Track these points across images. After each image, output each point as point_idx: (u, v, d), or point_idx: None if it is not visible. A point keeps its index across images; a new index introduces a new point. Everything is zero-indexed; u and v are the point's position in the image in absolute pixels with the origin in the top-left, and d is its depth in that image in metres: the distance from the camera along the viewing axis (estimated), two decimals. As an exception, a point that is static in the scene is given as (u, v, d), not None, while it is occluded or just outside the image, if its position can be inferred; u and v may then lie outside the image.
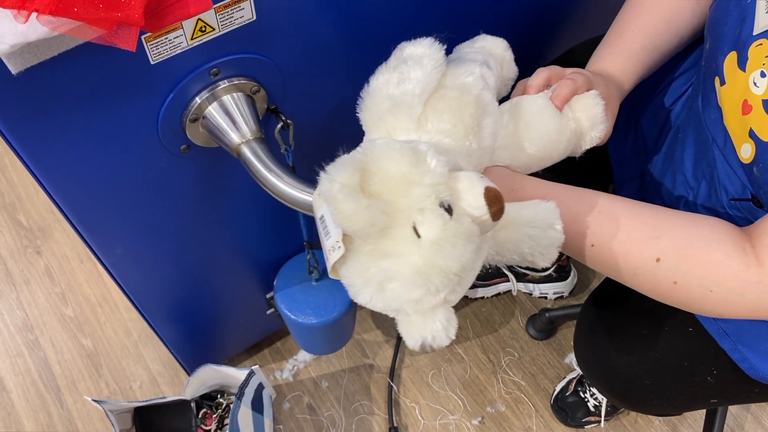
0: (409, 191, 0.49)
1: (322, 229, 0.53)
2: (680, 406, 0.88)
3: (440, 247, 0.48)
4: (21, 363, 1.29)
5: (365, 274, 0.50)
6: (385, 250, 0.49)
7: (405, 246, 0.48)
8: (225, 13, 0.57)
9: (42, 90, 0.53)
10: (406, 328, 0.52)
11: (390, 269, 0.49)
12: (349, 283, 0.52)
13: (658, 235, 0.58)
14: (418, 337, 0.51)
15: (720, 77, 0.62)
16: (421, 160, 0.50)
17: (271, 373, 1.29)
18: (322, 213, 0.53)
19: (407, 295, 0.49)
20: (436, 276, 0.48)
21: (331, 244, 0.51)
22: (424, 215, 0.48)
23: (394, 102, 0.56)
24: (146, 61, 0.56)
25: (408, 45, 0.60)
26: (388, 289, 0.49)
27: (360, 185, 0.48)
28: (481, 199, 0.50)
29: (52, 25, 0.41)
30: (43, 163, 0.60)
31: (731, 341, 0.73)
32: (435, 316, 0.50)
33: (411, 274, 0.48)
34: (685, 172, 0.74)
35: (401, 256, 0.49)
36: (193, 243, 0.85)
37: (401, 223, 0.49)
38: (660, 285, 0.59)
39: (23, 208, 1.49)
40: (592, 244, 0.60)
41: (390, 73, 0.58)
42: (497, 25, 0.86)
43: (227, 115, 0.64)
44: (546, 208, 0.57)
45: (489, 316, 1.38)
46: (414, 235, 0.48)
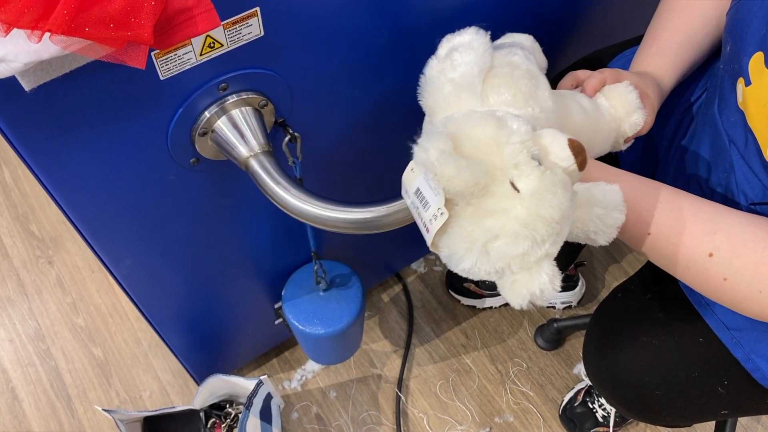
0: (501, 151, 0.50)
1: (419, 203, 0.54)
2: (690, 417, 0.87)
3: (541, 197, 0.49)
4: (32, 372, 1.31)
5: (469, 237, 0.51)
6: (487, 209, 0.50)
7: (507, 202, 0.49)
8: (233, 30, 0.58)
9: (54, 106, 0.54)
10: (511, 288, 0.52)
11: (495, 227, 0.50)
12: (450, 253, 0.53)
13: (715, 231, 0.58)
14: (525, 293, 0.51)
15: (745, 78, 0.62)
16: (504, 123, 0.51)
17: (279, 383, 1.29)
18: (417, 185, 0.54)
19: (514, 249, 0.49)
20: (541, 225, 0.49)
21: (432, 213, 0.52)
22: (520, 169, 0.49)
23: (456, 84, 0.58)
24: (156, 77, 0.57)
25: (454, 36, 0.61)
26: (494, 248, 0.50)
27: (452, 150, 0.50)
28: (567, 149, 0.51)
29: (64, 44, 0.42)
30: (55, 176, 0.61)
31: (745, 351, 0.73)
32: (541, 269, 0.51)
33: (517, 227, 0.49)
34: (699, 178, 0.74)
35: (504, 212, 0.49)
36: (202, 254, 0.86)
37: (499, 181, 0.50)
38: (710, 280, 0.59)
39: (36, 219, 1.51)
40: (649, 233, 0.61)
41: (443, 62, 0.60)
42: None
43: (236, 129, 0.64)
44: (612, 190, 0.58)
45: (497, 326, 1.38)
46: (513, 191, 0.50)
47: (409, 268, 1.45)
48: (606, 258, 1.48)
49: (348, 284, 0.98)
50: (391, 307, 1.40)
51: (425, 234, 0.54)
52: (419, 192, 0.54)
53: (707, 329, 0.76)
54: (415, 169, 0.54)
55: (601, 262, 1.47)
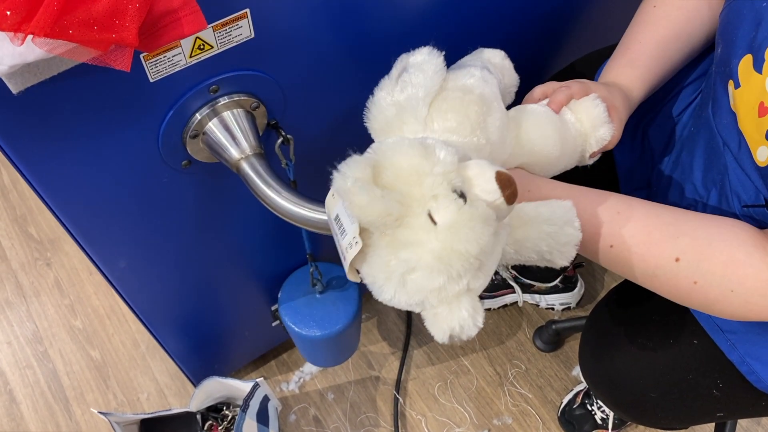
0: (422, 181, 0.49)
1: (338, 229, 0.54)
2: (686, 419, 0.87)
3: (457, 231, 0.48)
4: (30, 374, 1.31)
5: (386, 267, 0.50)
6: (403, 240, 0.49)
7: (422, 234, 0.49)
8: (223, 32, 0.57)
9: (43, 108, 0.54)
10: (433, 322, 0.52)
11: (410, 259, 0.49)
12: (371, 281, 0.52)
13: (678, 235, 0.58)
14: (446, 328, 0.51)
15: (734, 80, 0.62)
16: (431, 152, 0.51)
17: (277, 385, 1.29)
18: (337, 212, 0.54)
19: (430, 283, 0.49)
20: (456, 260, 0.48)
21: (348, 241, 0.51)
22: (438, 201, 0.49)
23: (400, 107, 0.58)
24: (146, 79, 0.57)
25: (408, 55, 0.61)
26: (410, 281, 0.50)
27: (372, 180, 0.49)
28: (494, 182, 0.50)
29: (48, 47, 0.42)
30: (46, 180, 0.60)
31: (739, 353, 0.73)
32: (460, 304, 0.50)
33: (432, 261, 0.48)
34: (695, 181, 0.73)
35: (420, 245, 0.49)
36: (197, 257, 0.85)
37: (416, 212, 0.49)
38: (680, 285, 0.59)
39: (34, 221, 1.51)
40: (610, 245, 0.60)
41: (393, 82, 0.59)
42: (497, 41, 0.86)
43: (227, 131, 0.64)
44: (563, 206, 0.57)
45: (496, 328, 1.37)
46: (430, 223, 0.49)
47: (408, 270, 1.44)
48: (605, 259, 1.47)
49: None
50: (389, 309, 1.39)
51: (343, 262, 0.53)
52: (338, 219, 0.53)
53: (702, 331, 0.75)
54: (336, 195, 0.54)
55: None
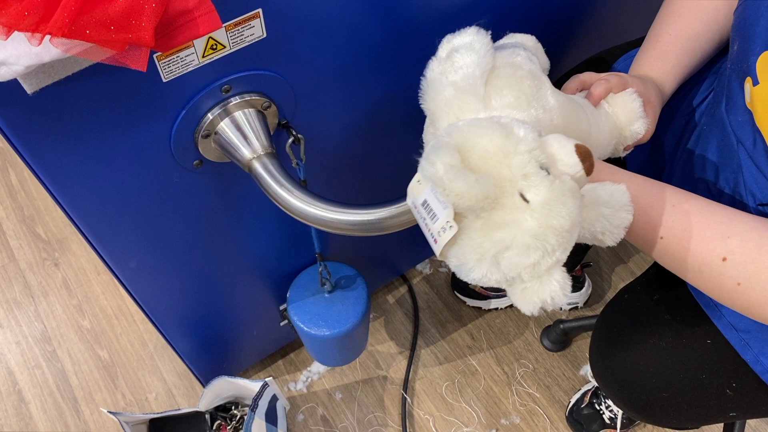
0: (509, 161, 0.50)
1: (426, 214, 0.53)
2: (698, 419, 0.87)
3: (551, 207, 0.48)
4: (39, 374, 1.31)
5: (479, 249, 0.50)
6: (497, 221, 0.50)
7: (517, 214, 0.49)
8: (235, 31, 0.57)
9: (57, 108, 0.54)
10: (522, 296, 0.52)
11: (505, 239, 0.49)
12: (459, 263, 0.52)
13: (729, 235, 0.58)
14: (537, 301, 0.51)
15: (753, 77, 0.62)
16: (510, 131, 0.51)
17: (285, 384, 1.29)
18: (424, 198, 0.53)
19: (525, 260, 0.49)
20: (552, 235, 0.49)
21: (441, 226, 0.51)
22: (529, 180, 0.49)
23: (458, 87, 0.57)
24: (158, 79, 0.57)
25: (454, 36, 0.60)
26: (505, 259, 0.50)
27: (459, 163, 0.49)
28: (575, 156, 0.51)
29: (65, 47, 0.42)
30: (58, 179, 0.61)
31: (753, 353, 0.72)
32: (552, 276, 0.51)
33: (528, 239, 0.49)
34: (707, 179, 0.73)
35: (515, 224, 0.49)
36: (207, 256, 0.86)
37: (508, 193, 0.49)
38: (724, 285, 0.58)
39: (42, 221, 1.52)
40: (661, 237, 0.60)
41: (444, 63, 0.59)
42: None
43: (239, 131, 0.64)
44: (620, 190, 0.58)
45: (503, 328, 1.37)
46: (523, 202, 0.49)
47: (415, 270, 1.44)
48: (612, 258, 1.47)
49: (353, 286, 0.98)
50: (397, 309, 1.39)
51: (433, 245, 0.53)
52: (426, 204, 0.53)
53: (715, 331, 0.75)
54: (422, 181, 0.54)
55: (607, 263, 1.47)
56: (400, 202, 0.62)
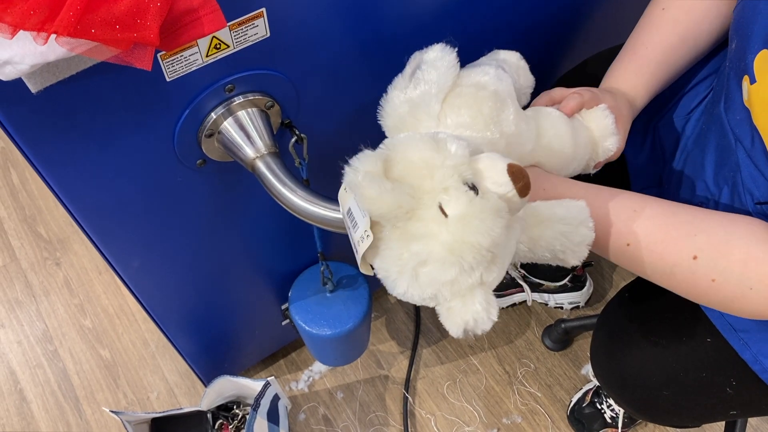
0: (433, 174, 0.50)
1: (350, 223, 0.54)
2: (699, 417, 0.87)
3: (468, 222, 0.48)
4: (41, 374, 1.31)
5: (399, 261, 0.51)
6: (414, 233, 0.50)
7: (434, 226, 0.49)
8: (239, 31, 0.57)
9: (60, 107, 0.54)
10: (447, 316, 0.52)
11: (422, 251, 0.49)
12: (384, 275, 0.53)
13: (695, 233, 0.58)
14: (459, 322, 0.51)
15: (750, 76, 0.62)
16: (442, 146, 0.51)
17: (286, 384, 1.29)
18: (349, 206, 0.54)
19: (442, 276, 0.49)
20: (468, 252, 0.48)
21: (360, 235, 0.52)
22: (449, 194, 0.49)
23: (413, 104, 0.58)
24: (162, 79, 0.57)
25: (421, 53, 0.61)
26: (423, 274, 0.50)
27: (384, 174, 0.50)
28: (505, 174, 0.50)
29: (70, 46, 0.42)
30: (62, 178, 0.61)
31: (752, 352, 0.72)
32: (474, 297, 0.51)
33: (443, 253, 0.48)
34: (706, 178, 0.73)
35: (431, 237, 0.49)
36: (209, 256, 0.86)
37: (427, 205, 0.49)
38: (698, 283, 0.59)
39: (43, 221, 1.52)
40: (627, 243, 0.60)
41: (406, 80, 0.60)
42: (510, 39, 0.86)
43: (242, 130, 0.64)
44: (578, 206, 0.58)
45: (505, 327, 1.37)
46: (441, 215, 0.49)
47: (416, 269, 1.44)
48: (614, 258, 1.47)
49: (355, 285, 0.98)
50: (398, 308, 1.39)
51: (356, 254, 0.54)
52: (350, 212, 0.54)
53: (715, 330, 0.75)
54: (348, 189, 0.54)
55: (608, 262, 1.47)
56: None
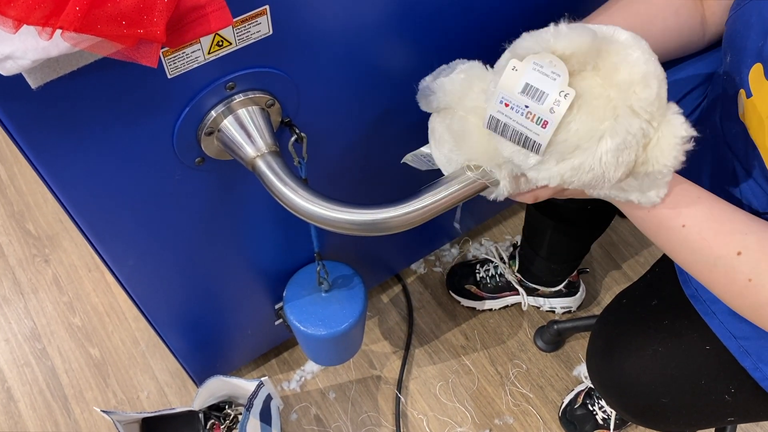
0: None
1: (530, 100, 0.51)
2: (696, 423, 0.87)
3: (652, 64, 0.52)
4: (28, 372, 1.29)
5: (609, 103, 0.51)
6: (613, 65, 0.51)
7: (626, 51, 0.52)
8: (242, 28, 0.57)
9: (60, 103, 0.53)
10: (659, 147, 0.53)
11: (625, 77, 0.51)
12: (585, 133, 0.52)
13: (747, 232, 0.58)
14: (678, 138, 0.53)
15: (746, 90, 0.62)
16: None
17: (278, 383, 1.28)
18: (525, 81, 0.52)
19: (649, 92, 0.51)
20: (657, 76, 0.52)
21: (554, 98, 0.51)
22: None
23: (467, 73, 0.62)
24: (163, 75, 0.56)
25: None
26: (636, 101, 0.51)
27: None
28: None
29: (74, 41, 0.41)
30: (59, 175, 0.60)
31: (752, 360, 0.72)
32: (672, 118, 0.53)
33: (641, 70, 0.51)
34: (703, 187, 0.73)
35: (628, 63, 0.51)
36: (205, 254, 0.85)
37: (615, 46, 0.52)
38: (736, 280, 0.59)
39: (32, 217, 1.50)
40: (683, 225, 0.60)
41: (446, 70, 0.65)
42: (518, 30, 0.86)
43: (242, 129, 0.64)
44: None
45: (497, 328, 1.37)
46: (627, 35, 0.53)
47: (409, 269, 1.44)
48: (606, 261, 1.48)
49: (350, 285, 0.98)
50: (391, 308, 1.39)
51: (541, 132, 0.52)
52: (528, 88, 0.51)
53: (714, 337, 0.75)
54: (518, 66, 0.52)
55: (601, 265, 1.47)
56: (405, 202, 0.62)
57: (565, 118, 0.51)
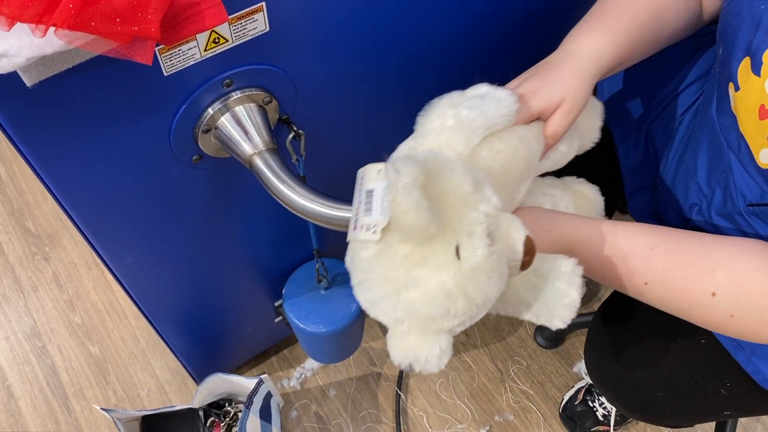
0: (465, 213, 0.48)
1: (363, 202, 0.52)
2: (693, 418, 0.87)
3: (476, 275, 0.47)
4: (29, 370, 1.29)
5: (391, 273, 0.49)
6: (422, 259, 0.48)
7: (443, 262, 0.48)
8: (238, 25, 0.56)
9: (55, 101, 0.53)
10: (400, 342, 0.51)
11: (419, 278, 0.48)
12: (364, 276, 0.51)
13: (713, 268, 0.57)
14: (410, 355, 0.50)
15: (734, 83, 0.61)
16: (481, 188, 0.50)
17: (278, 381, 1.28)
18: (373, 188, 0.52)
19: (425, 309, 0.48)
20: (462, 301, 0.48)
21: (369, 223, 0.50)
22: (472, 239, 0.48)
23: (459, 122, 0.56)
24: (159, 73, 0.56)
25: (485, 86, 0.59)
26: (407, 297, 0.48)
27: (423, 185, 0.48)
28: (521, 245, 0.50)
29: (68, 38, 0.41)
30: (56, 173, 0.59)
31: (745, 354, 0.73)
32: (438, 339, 0.50)
33: (439, 292, 0.47)
34: (699, 180, 0.73)
35: (436, 270, 0.48)
36: (204, 252, 0.85)
37: (447, 240, 0.48)
38: (716, 319, 0.58)
39: (31, 215, 1.50)
40: (645, 282, 0.60)
41: (463, 97, 0.58)
42: (517, 29, 0.86)
43: (240, 126, 0.63)
44: (560, 260, 0.56)
45: (497, 325, 1.37)
46: (455, 256, 0.48)
47: (409, 266, 1.44)
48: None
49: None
50: (391, 305, 1.39)
51: (351, 230, 0.52)
52: (371, 194, 0.52)
53: (708, 331, 0.75)
54: (382, 175, 0.52)
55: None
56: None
57: (363, 247, 0.51)
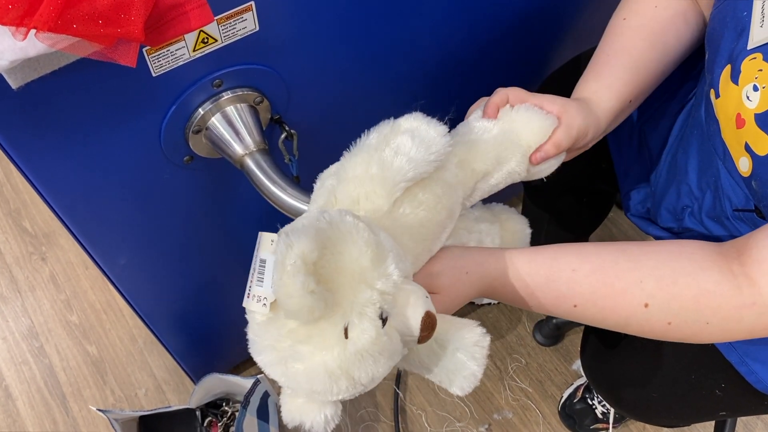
0: (358, 290, 0.47)
1: (258, 270, 0.51)
2: (689, 417, 0.87)
3: (362, 359, 0.46)
4: (26, 370, 1.29)
5: (278, 343, 0.48)
6: (307, 336, 0.47)
7: (330, 341, 0.46)
8: (227, 25, 0.56)
9: (43, 104, 0.52)
10: (289, 402, 0.51)
11: (304, 354, 0.47)
12: (255, 339, 0.50)
13: (641, 279, 0.56)
14: (296, 418, 0.50)
15: (715, 90, 0.61)
16: (382, 261, 0.48)
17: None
18: (266, 258, 0.52)
19: (308, 385, 0.47)
20: (345, 382, 0.47)
21: (260, 295, 0.49)
22: (362, 321, 0.46)
23: (382, 173, 0.52)
24: (148, 74, 0.55)
25: (421, 120, 0.55)
26: (292, 369, 0.47)
27: (316, 257, 0.45)
28: (418, 323, 0.49)
29: (51, 41, 0.40)
30: (45, 176, 0.59)
31: (738, 354, 0.72)
32: (323, 408, 0.50)
33: (321, 370, 0.46)
34: (690, 182, 0.72)
35: (321, 349, 0.46)
36: (197, 253, 0.84)
37: (335, 320, 0.46)
38: (654, 328, 0.57)
39: (28, 215, 1.49)
40: (574, 305, 0.58)
41: (393, 133, 0.54)
42: (505, 33, 0.85)
43: (230, 126, 0.63)
44: (466, 326, 0.56)
45: (496, 322, 1.37)
46: (342, 335, 0.46)
47: (407, 264, 1.43)
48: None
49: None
50: (389, 303, 1.38)
51: (245, 297, 0.51)
52: (264, 264, 0.51)
53: None
54: (275, 246, 0.50)
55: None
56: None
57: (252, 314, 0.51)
